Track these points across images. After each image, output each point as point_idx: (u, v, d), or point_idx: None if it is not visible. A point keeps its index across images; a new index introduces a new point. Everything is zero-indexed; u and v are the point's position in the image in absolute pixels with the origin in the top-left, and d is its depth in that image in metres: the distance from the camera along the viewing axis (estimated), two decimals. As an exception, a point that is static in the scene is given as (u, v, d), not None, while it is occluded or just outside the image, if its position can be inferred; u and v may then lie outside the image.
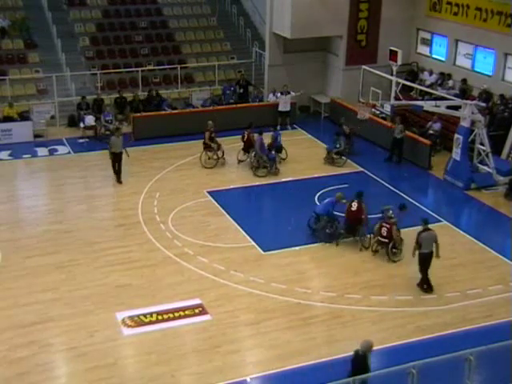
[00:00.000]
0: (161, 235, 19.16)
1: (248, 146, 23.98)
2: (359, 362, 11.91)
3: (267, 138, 23.97)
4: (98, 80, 29.06)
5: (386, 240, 17.71)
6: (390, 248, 17.75)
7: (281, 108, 27.82)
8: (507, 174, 22.50)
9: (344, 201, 18.99)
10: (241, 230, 19.58)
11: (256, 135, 23.40)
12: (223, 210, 20.72)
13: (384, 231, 17.67)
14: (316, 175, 23.49)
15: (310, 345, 14.60)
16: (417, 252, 16.63)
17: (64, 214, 20.66)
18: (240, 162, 24.13)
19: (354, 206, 18.47)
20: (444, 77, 27.86)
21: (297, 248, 18.56)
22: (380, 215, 18.50)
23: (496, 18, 25.54)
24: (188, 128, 26.32)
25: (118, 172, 22.61)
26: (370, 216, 18.57)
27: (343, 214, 18.91)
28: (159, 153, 25.17)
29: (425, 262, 16.52)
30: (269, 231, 19.80)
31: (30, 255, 18.02)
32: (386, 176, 23.44)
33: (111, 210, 21.24)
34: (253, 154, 23.47)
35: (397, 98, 23.32)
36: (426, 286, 16.68)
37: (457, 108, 22.81)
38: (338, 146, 24.22)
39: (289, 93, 27.80)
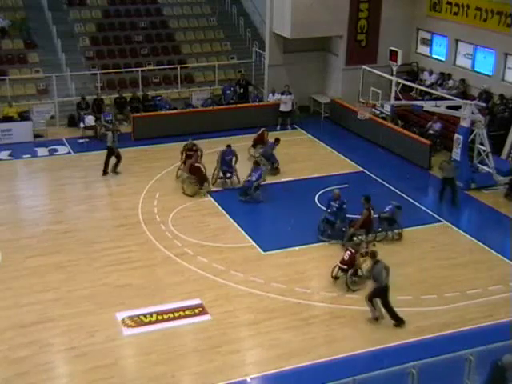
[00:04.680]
0: (161, 235, 19.16)
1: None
2: (497, 375, 11.59)
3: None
4: (98, 80, 29.06)
5: (345, 266, 16.42)
6: (349, 275, 16.44)
7: (282, 108, 27.89)
8: (507, 174, 22.50)
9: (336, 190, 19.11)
10: (241, 230, 19.58)
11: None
12: (223, 210, 20.72)
13: (347, 255, 16.41)
14: (316, 175, 23.49)
15: (309, 345, 14.60)
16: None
17: (64, 213, 20.66)
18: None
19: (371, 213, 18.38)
20: (444, 77, 27.87)
21: (297, 248, 18.55)
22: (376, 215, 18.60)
23: (496, 17, 25.53)
24: (188, 128, 26.33)
25: (105, 164, 23.07)
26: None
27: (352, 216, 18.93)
28: (159, 153, 25.16)
29: (380, 294, 15.17)
30: (269, 231, 19.80)
31: (30, 255, 18.02)
32: (386, 176, 23.42)
33: (111, 209, 21.22)
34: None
35: (397, 98, 23.33)
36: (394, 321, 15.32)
37: (457, 108, 22.82)
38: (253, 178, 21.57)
39: (290, 93, 27.86)
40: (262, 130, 24.87)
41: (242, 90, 29.41)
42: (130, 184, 22.63)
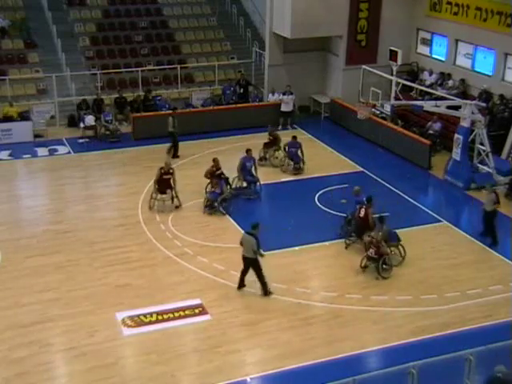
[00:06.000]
0: (161, 235, 19.16)
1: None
2: None
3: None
4: (98, 80, 29.05)
5: (376, 256, 17.01)
6: (380, 264, 17.01)
7: (283, 108, 27.90)
8: (507, 174, 22.50)
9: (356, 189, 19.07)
10: (241, 230, 19.53)
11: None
12: (223, 210, 20.70)
13: (371, 252, 17.02)
14: (316, 175, 23.49)
15: (309, 345, 14.59)
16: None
17: (64, 213, 20.65)
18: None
19: (362, 212, 18.27)
20: (444, 77, 27.87)
21: (297, 248, 18.55)
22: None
23: (496, 17, 25.53)
24: (188, 128, 26.30)
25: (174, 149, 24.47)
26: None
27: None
28: (159, 153, 25.11)
29: (250, 266, 16.19)
30: (269, 231, 19.75)
31: (30, 255, 18.02)
32: (386, 176, 23.41)
33: (111, 209, 21.19)
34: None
35: (397, 98, 23.37)
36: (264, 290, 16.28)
37: (457, 108, 22.82)
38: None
39: (291, 93, 27.87)
40: (273, 130, 24.87)
41: (241, 90, 29.39)
42: (130, 184, 22.63)
